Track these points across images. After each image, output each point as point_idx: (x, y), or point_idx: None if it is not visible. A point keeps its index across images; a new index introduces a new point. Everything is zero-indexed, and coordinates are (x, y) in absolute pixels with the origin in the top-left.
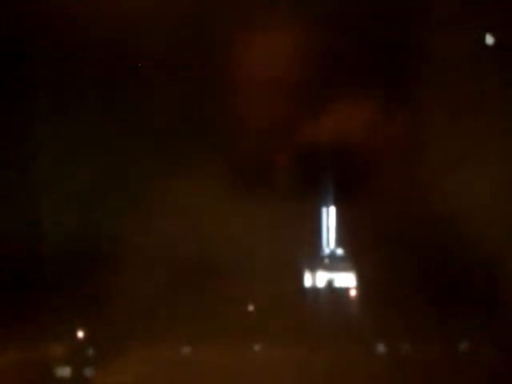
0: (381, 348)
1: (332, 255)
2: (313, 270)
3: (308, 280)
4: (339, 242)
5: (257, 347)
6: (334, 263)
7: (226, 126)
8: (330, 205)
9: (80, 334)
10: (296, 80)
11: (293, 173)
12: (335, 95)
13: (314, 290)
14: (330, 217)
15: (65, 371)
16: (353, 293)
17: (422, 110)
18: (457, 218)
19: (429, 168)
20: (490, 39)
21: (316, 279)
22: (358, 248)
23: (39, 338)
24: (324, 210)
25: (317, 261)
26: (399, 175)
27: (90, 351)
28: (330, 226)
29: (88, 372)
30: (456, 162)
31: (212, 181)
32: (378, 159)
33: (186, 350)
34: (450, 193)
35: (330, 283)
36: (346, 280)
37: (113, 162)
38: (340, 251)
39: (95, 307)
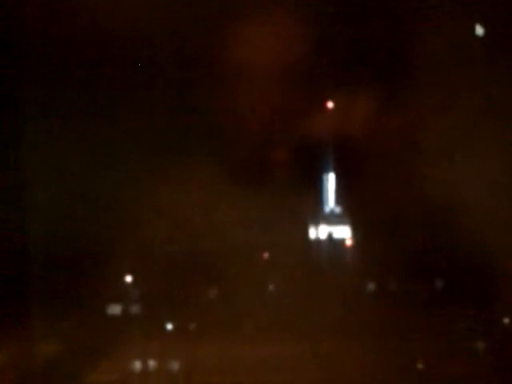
0: (371, 286)
1: (331, 213)
2: (316, 224)
3: (312, 232)
4: (337, 202)
5: (271, 287)
6: (333, 219)
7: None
8: (331, 172)
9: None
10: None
11: (298, 150)
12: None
13: (317, 240)
14: (329, 182)
15: (116, 308)
16: (348, 242)
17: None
18: (448, 186)
19: (424, 141)
20: (480, 30)
21: (319, 232)
22: (353, 207)
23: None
24: (325, 176)
25: (319, 217)
26: (394, 149)
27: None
28: (329, 190)
29: (135, 309)
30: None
31: (222, 150)
32: (375, 136)
33: (213, 292)
34: (444, 160)
35: (330, 235)
36: (343, 232)
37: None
38: (338, 209)
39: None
